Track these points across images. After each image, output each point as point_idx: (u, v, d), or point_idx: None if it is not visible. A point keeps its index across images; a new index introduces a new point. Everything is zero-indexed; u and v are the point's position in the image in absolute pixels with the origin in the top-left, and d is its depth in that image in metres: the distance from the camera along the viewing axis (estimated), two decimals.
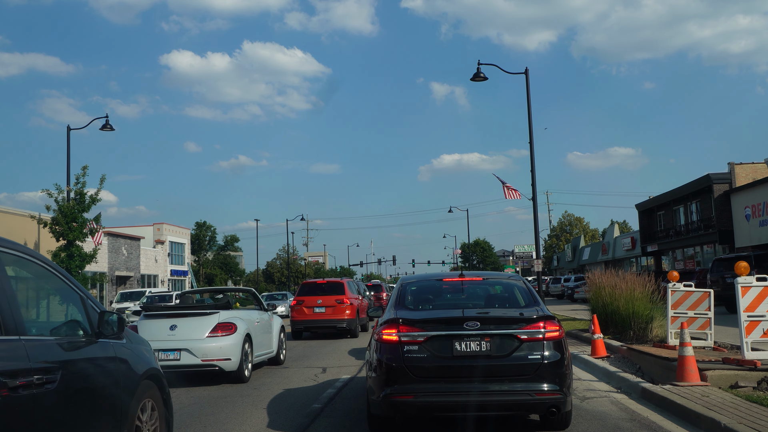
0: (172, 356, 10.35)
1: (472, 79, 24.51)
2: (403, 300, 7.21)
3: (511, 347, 6.14)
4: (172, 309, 11.52)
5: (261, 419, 7.76)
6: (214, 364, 10.41)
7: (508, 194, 28.25)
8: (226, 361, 10.47)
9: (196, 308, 11.36)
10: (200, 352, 10.39)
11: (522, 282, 7.64)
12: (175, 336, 10.48)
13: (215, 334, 10.58)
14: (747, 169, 38.27)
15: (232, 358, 10.54)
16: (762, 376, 8.01)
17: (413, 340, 6.17)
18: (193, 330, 10.61)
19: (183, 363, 10.33)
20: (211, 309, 11.18)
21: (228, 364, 10.49)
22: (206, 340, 10.48)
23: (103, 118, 28.08)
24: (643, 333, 12.69)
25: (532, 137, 24.25)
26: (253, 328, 11.66)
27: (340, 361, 13.45)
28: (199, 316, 10.85)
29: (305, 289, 21.12)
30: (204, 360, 10.38)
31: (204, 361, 10.38)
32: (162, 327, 10.64)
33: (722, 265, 23.04)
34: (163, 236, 61.60)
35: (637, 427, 6.85)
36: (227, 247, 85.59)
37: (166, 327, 10.61)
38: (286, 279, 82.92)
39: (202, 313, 10.98)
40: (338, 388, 9.78)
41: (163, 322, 10.75)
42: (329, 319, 19.83)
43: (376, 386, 6.25)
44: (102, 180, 27.43)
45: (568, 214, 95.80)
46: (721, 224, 38.08)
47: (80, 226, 26.92)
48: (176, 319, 10.76)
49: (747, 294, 8.57)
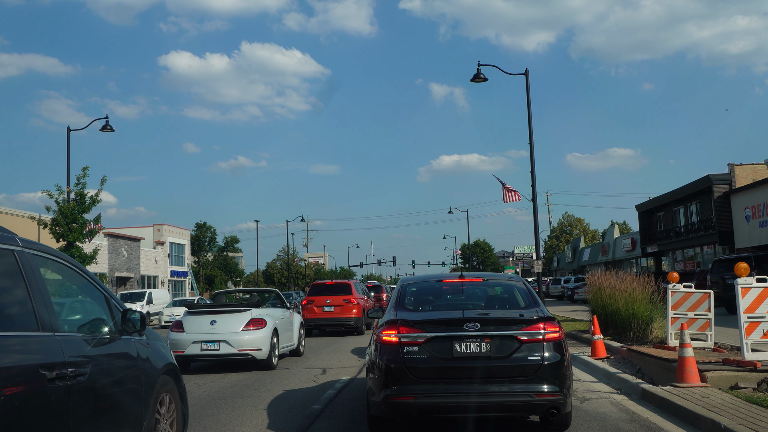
0: (213, 347, 12.09)
1: (472, 80, 24.51)
2: (403, 301, 7.22)
3: (511, 348, 6.15)
4: (212, 307, 13.16)
5: (261, 420, 7.76)
6: (248, 354, 12.09)
7: (508, 197, 28.28)
8: (258, 351, 12.17)
9: (232, 306, 13.24)
10: (236, 343, 12.09)
11: (522, 283, 7.65)
12: (215, 330, 12.22)
13: (248, 328, 12.30)
14: (747, 170, 38.27)
15: (263, 349, 12.26)
16: (762, 377, 8.02)
17: (413, 341, 6.18)
18: (230, 324, 12.32)
19: (222, 352, 12.08)
20: (245, 307, 12.89)
21: (259, 354, 12.19)
22: (241, 333, 12.19)
23: (103, 119, 28.11)
24: (643, 334, 12.69)
25: (532, 138, 24.26)
26: (279, 324, 13.40)
27: (341, 362, 13.45)
28: (234, 313, 12.57)
29: (315, 289, 22.39)
30: (239, 350, 12.08)
31: (239, 351, 12.08)
32: (204, 322, 12.35)
33: (722, 266, 23.03)
34: (163, 237, 61.61)
35: (637, 428, 6.85)
36: (227, 248, 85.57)
37: (207, 322, 12.34)
38: (286, 280, 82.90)
39: (237, 310, 12.74)
40: (338, 389, 9.79)
41: (204, 317, 12.46)
42: (337, 317, 21.02)
43: (376, 387, 6.25)
44: (103, 181, 27.39)
45: (568, 215, 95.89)
46: (721, 225, 38.07)
47: (80, 227, 26.90)
48: (216, 315, 12.52)
49: (747, 295, 8.57)
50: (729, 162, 39.28)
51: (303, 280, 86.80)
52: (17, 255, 4.29)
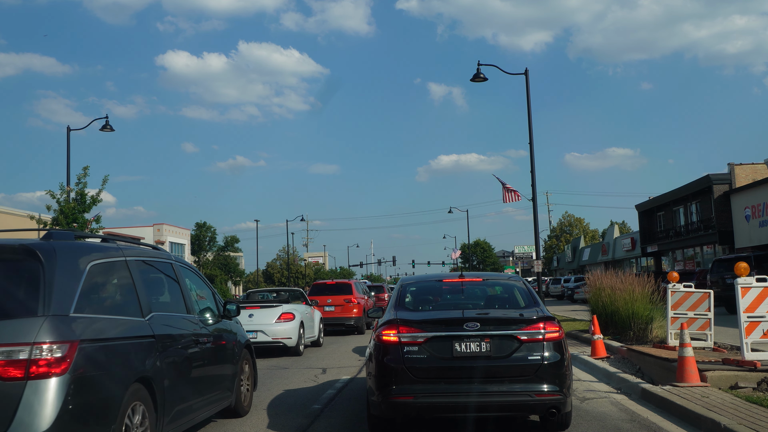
0: (251, 335, 13.63)
1: (472, 80, 24.46)
2: (402, 301, 7.22)
3: (511, 348, 6.15)
4: (250, 302, 15.76)
5: (261, 420, 7.76)
6: (281, 342, 14.35)
7: (508, 197, 28.26)
8: (288, 339, 14.44)
9: (266, 302, 15.83)
10: (271, 332, 14.29)
11: (522, 283, 7.65)
12: (253, 321, 14.22)
13: (280, 321, 14.48)
14: (747, 169, 38.27)
15: (292, 338, 14.53)
16: (762, 376, 8.02)
17: (413, 341, 6.18)
18: (265, 317, 14.46)
19: (259, 340, 14.00)
20: (276, 303, 15.22)
21: (289, 342, 14.47)
22: (275, 325, 14.34)
23: (102, 118, 28.08)
24: (643, 334, 12.69)
25: (531, 138, 24.24)
26: (305, 318, 15.60)
27: (341, 361, 13.46)
28: (268, 308, 14.80)
29: (316, 289, 22.67)
30: (273, 339, 14.28)
31: (273, 339, 14.28)
32: (243, 315, 13.83)
33: (722, 266, 23.02)
34: (163, 237, 61.65)
35: (637, 427, 6.86)
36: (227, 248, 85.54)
37: (246, 315, 14.10)
38: (287, 279, 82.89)
39: (270, 305, 15.04)
40: (338, 389, 9.79)
41: (244, 312, 13.94)
42: (339, 317, 21.25)
43: (376, 387, 6.26)
44: (105, 180, 27.35)
45: (568, 215, 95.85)
46: (720, 225, 38.08)
47: (80, 227, 26.89)
48: (253, 309, 14.65)
49: (747, 295, 8.58)
50: (729, 162, 39.34)
51: (303, 280, 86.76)
52: (174, 266, 6.81)
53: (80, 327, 4.68)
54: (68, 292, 4.76)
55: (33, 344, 4.33)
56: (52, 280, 4.68)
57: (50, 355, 4.35)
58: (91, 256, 5.24)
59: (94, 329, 4.85)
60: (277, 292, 20.08)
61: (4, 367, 4.28)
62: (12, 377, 4.27)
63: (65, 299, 4.70)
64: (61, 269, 4.81)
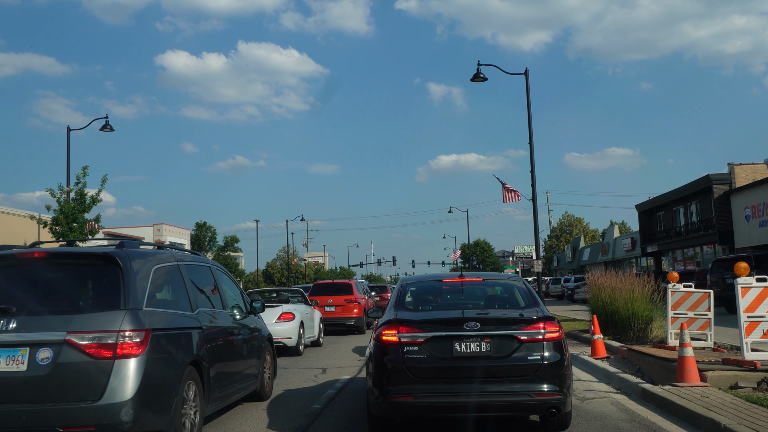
0: None
1: (472, 80, 24.47)
2: (402, 301, 7.22)
3: (511, 348, 6.15)
4: None
5: (261, 420, 7.77)
6: (281, 342, 14.02)
7: (508, 197, 28.24)
8: (288, 339, 14.40)
9: (266, 302, 15.01)
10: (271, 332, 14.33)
11: (522, 283, 7.65)
12: None
13: (280, 321, 14.41)
14: (747, 169, 38.28)
15: (292, 338, 14.53)
16: (762, 376, 8.02)
17: (413, 341, 6.18)
18: (265, 317, 13.92)
19: None
20: (276, 303, 15.26)
21: (289, 342, 14.47)
22: (275, 324, 14.03)
23: (102, 118, 28.06)
24: (642, 334, 12.69)
25: (531, 138, 24.24)
26: (304, 318, 15.60)
27: (341, 361, 13.46)
28: (268, 308, 14.35)
29: (317, 289, 22.56)
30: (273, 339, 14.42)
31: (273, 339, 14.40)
32: None
33: (722, 266, 23.02)
34: (163, 237, 61.62)
35: (637, 427, 6.86)
36: (227, 248, 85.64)
37: None
38: (286, 279, 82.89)
39: (270, 305, 14.74)
40: (338, 389, 9.79)
41: None
42: (339, 317, 21.29)
43: (376, 387, 6.26)
44: (104, 180, 27.34)
45: (568, 215, 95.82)
46: (720, 225, 38.08)
47: (81, 226, 26.87)
48: None
49: (747, 295, 8.58)
50: (729, 162, 39.35)
51: (303, 280, 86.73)
52: (212, 269, 7.95)
53: (151, 318, 5.78)
54: (141, 291, 5.85)
55: (119, 331, 5.45)
56: (129, 281, 5.78)
57: (131, 340, 5.48)
58: (154, 261, 6.39)
59: (160, 320, 5.95)
60: (277, 292, 20.17)
61: (97, 349, 5.39)
62: (103, 356, 5.39)
63: (139, 296, 5.80)
64: (135, 272, 5.91)
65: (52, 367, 5.33)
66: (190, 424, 6.23)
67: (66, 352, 5.35)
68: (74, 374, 5.33)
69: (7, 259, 6.09)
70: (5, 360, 5.37)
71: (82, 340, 5.39)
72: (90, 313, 5.57)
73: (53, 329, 5.41)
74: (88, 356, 5.36)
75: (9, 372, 5.34)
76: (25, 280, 5.95)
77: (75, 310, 5.63)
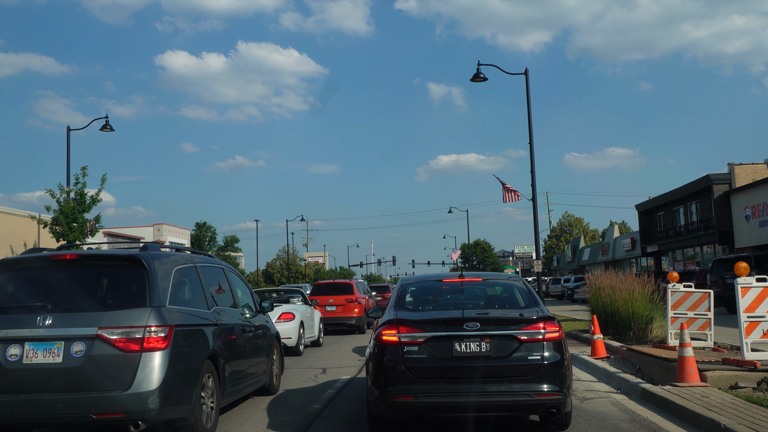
0: None
1: (472, 80, 24.47)
2: (402, 301, 7.22)
3: (511, 348, 6.15)
4: None
5: (261, 419, 7.77)
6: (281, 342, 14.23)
7: (508, 197, 28.24)
8: (288, 340, 14.18)
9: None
10: None
11: (522, 283, 7.64)
12: None
13: (280, 321, 14.27)
14: (747, 169, 38.28)
15: (293, 338, 14.49)
16: (762, 376, 8.02)
17: (413, 341, 6.18)
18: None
19: None
20: (276, 303, 15.01)
21: (289, 342, 14.31)
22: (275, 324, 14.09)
23: (102, 118, 28.04)
24: (642, 334, 12.69)
25: (531, 138, 24.24)
26: (304, 318, 15.63)
27: (341, 361, 13.46)
28: None
29: (318, 289, 22.81)
30: None
31: None
32: None
33: (722, 266, 23.02)
34: (163, 237, 61.62)
35: (636, 427, 6.86)
36: (227, 248, 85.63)
37: None
38: (287, 279, 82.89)
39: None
40: (338, 389, 9.79)
41: None
42: (340, 316, 21.50)
43: (376, 387, 6.26)
44: (103, 180, 27.36)
45: (568, 215, 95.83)
46: (720, 225, 38.08)
47: (81, 226, 26.87)
48: None
49: (747, 295, 8.58)
50: (729, 162, 39.34)
51: (303, 280, 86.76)
52: (225, 270, 8.40)
53: (173, 315, 6.28)
54: (164, 290, 6.35)
55: (145, 327, 5.93)
56: (153, 281, 6.26)
57: (156, 335, 5.96)
58: (175, 263, 6.89)
59: (182, 317, 6.45)
60: (277, 292, 20.29)
61: (126, 343, 5.88)
62: (132, 349, 5.87)
63: (162, 295, 6.30)
64: (158, 273, 6.40)
65: (85, 359, 5.82)
66: (208, 413, 6.71)
67: (98, 345, 5.85)
68: (105, 366, 5.82)
69: (41, 260, 6.62)
70: (42, 353, 5.86)
71: (112, 335, 5.88)
72: (119, 310, 6.05)
73: (86, 325, 5.90)
74: (118, 349, 5.86)
75: (46, 364, 5.84)
76: (58, 280, 6.47)
77: (105, 307, 6.15)
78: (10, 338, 5.92)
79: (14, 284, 6.49)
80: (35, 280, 6.54)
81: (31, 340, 5.89)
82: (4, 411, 5.81)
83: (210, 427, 6.74)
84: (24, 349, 5.87)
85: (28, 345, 5.88)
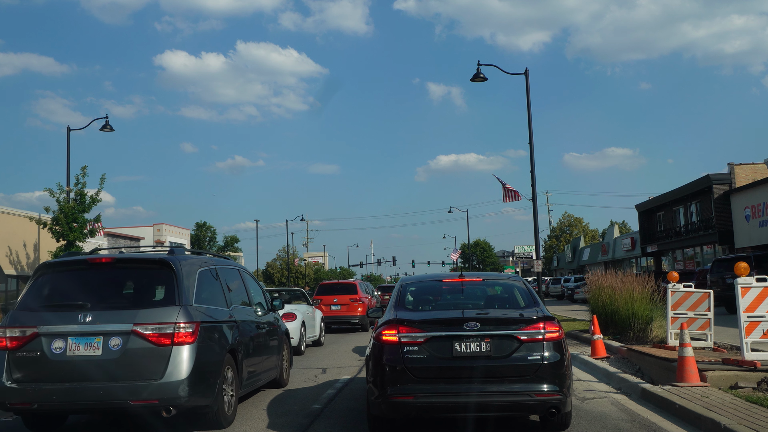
0: None
1: (472, 80, 24.44)
2: (402, 301, 7.22)
3: (511, 348, 6.15)
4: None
5: (261, 419, 7.77)
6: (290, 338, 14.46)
7: (507, 197, 28.21)
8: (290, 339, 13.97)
9: None
10: None
11: (522, 283, 7.64)
12: None
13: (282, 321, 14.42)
14: (747, 169, 38.28)
15: (294, 338, 14.46)
16: (762, 376, 8.02)
17: (413, 341, 6.18)
18: None
19: None
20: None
21: (292, 341, 14.05)
22: None
23: (102, 118, 28.06)
24: (642, 334, 12.69)
25: (531, 138, 24.23)
26: (306, 318, 15.80)
27: (341, 361, 13.46)
28: None
29: (322, 289, 23.49)
30: None
31: None
32: None
33: (722, 266, 23.01)
34: (163, 237, 61.58)
35: (637, 427, 6.86)
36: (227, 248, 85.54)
37: None
38: (286, 279, 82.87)
39: None
40: (338, 389, 9.79)
41: None
42: (344, 315, 22.21)
43: (376, 387, 6.26)
44: (102, 180, 27.35)
45: (568, 215, 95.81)
46: (720, 225, 38.08)
47: (81, 226, 26.86)
48: None
49: (747, 295, 8.58)
50: (729, 162, 39.34)
51: (303, 280, 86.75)
52: (240, 271, 9.16)
53: (199, 313, 6.93)
54: (190, 290, 7.01)
55: (175, 323, 6.60)
56: (181, 282, 6.92)
57: (185, 330, 6.61)
58: (198, 265, 7.59)
59: (206, 314, 7.08)
60: (278, 292, 20.45)
61: (159, 337, 6.53)
62: (164, 344, 6.53)
63: (189, 294, 6.95)
64: (185, 274, 7.05)
65: (122, 352, 6.48)
66: (229, 402, 7.37)
67: (133, 340, 6.50)
68: (140, 358, 6.48)
69: (80, 263, 7.34)
70: (84, 346, 6.54)
71: (146, 330, 6.54)
72: (151, 308, 6.75)
73: (122, 321, 6.56)
74: (151, 343, 6.51)
75: (87, 356, 6.52)
76: (96, 281, 7.18)
77: (138, 305, 6.83)
78: (55, 333, 6.58)
79: (56, 285, 7.11)
80: (75, 280, 7.18)
81: (73, 335, 6.56)
82: (50, 398, 6.46)
83: (230, 414, 7.39)
84: (67, 343, 6.54)
85: (71, 339, 6.55)
